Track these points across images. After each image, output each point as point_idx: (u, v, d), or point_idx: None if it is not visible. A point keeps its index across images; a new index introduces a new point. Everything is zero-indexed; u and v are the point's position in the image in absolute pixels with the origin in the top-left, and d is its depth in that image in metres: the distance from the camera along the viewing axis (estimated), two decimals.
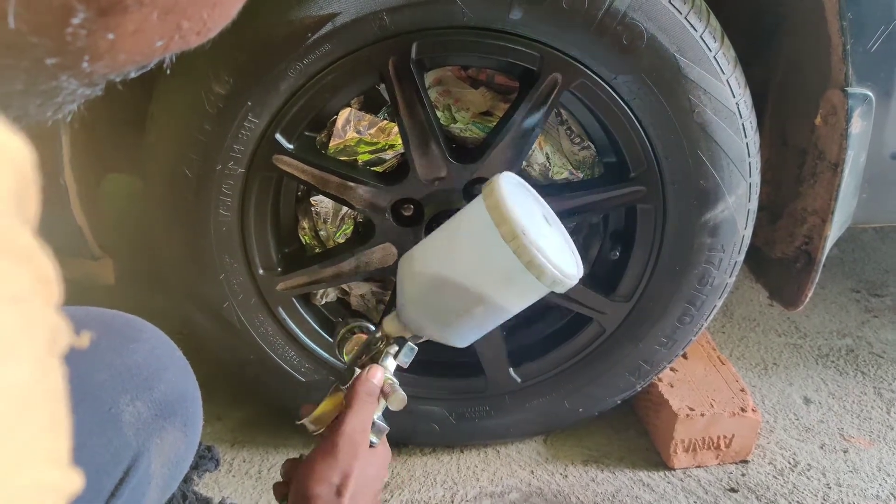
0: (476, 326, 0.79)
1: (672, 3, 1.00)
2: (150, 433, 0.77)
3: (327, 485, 0.72)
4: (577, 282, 0.76)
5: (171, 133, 1.10)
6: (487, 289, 0.75)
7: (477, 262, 0.75)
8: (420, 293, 0.78)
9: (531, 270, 0.71)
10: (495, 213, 0.71)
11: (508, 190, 0.73)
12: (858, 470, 1.35)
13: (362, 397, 0.76)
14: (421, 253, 0.80)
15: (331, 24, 1.00)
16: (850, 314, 1.81)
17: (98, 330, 0.77)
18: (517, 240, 0.70)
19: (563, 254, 0.76)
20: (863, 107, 1.08)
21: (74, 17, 0.31)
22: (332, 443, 0.74)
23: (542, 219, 0.77)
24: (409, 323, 0.80)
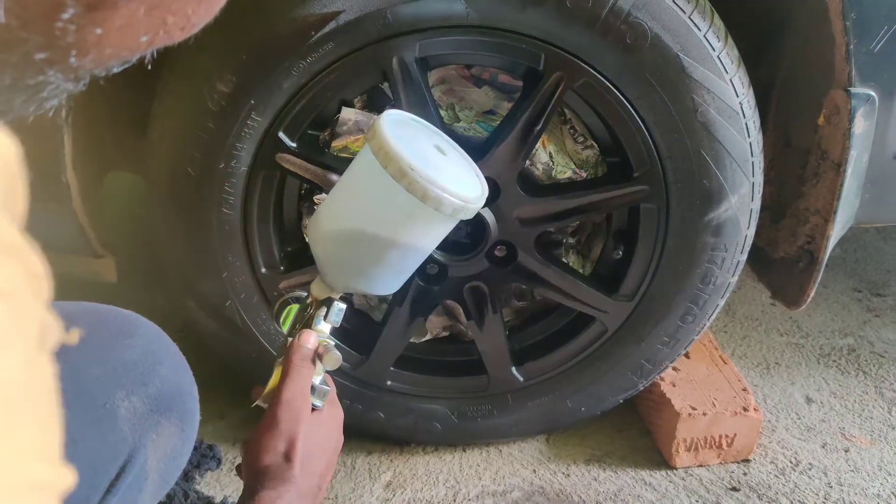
0: (396, 271, 0.80)
1: (676, 3, 1.00)
2: (146, 428, 0.77)
3: (274, 454, 0.72)
4: (481, 205, 0.76)
5: (174, 131, 1.10)
6: (393, 231, 0.75)
7: (375, 207, 0.75)
8: (332, 251, 0.79)
9: (428, 203, 0.71)
10: (381, 154, 0.71)
11: (391, 129, 0.73)
12: (859, 469, 1.35)
13: (296, 363, 0.77)
14: (324, 213, 0.80)
15: (334, 22, 1.00)
16: (851, 314, 1.81)
17: (93, 325, 0.78)
18: (406, 176, 0.70)
19: (462, 180, 0.76)
20: (866, 107, 1.08)
21: (64, 13, 0.32)
22: (272, 413, 0.74)
23: (435, 149, 0.77)
24: (332, 283, 0.81)
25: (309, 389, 0.76)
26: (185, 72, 1.06)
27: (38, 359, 0.31)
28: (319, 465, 0.74)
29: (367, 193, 0.76)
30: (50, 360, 0.32)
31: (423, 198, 0.71)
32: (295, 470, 0.71)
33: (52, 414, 0.32)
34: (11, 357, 0.29)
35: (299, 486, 0.71)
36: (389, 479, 1.29)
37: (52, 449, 0.31)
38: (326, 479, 0.76)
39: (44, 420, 0.31)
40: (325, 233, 0.79)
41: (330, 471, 0.77)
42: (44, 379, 0.32)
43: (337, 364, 0.79)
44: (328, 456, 0.76)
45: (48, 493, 0.30)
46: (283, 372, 0.77)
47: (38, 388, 0.31)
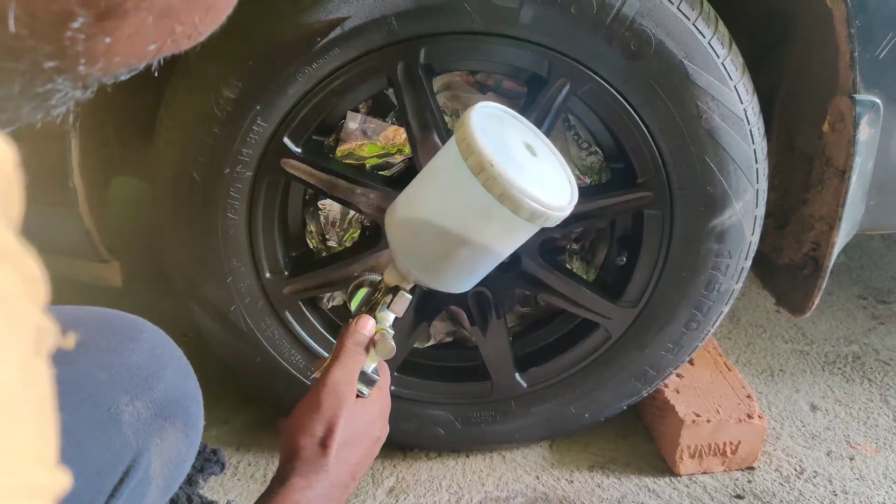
0: (466, 270, 0.76)
1: (680, 10, 1.00)
2: (151, 433, 0.77)
3: (310, 436, 0.71)
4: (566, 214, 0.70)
5: (180, 136, 1.10)
6: (467, 228, 0.71)
7: (451, 200, 0.72)
8: (405, 240, 0.76)
9: (505, 204, 0.66)
10: (463, 145, 0.67)
11: (480, 120, 0.69)
12: (865, 477, 1.35)
13: (349, 348, 0.75)
14: (402, 200, 0.77)
15: (340, 28, 1.00)
16: (856, 321, 1.80)
17: (97, 329, 0.78)
18: (485, 171, 0.66)
19: (549, 184, 0.71)
20: (870, 114, 1.08)
21: (74, 22, 0.32)
22: (315, 394, 0.73)
23: (524, 148, 0.73)
24: (403, 272, 0.78)
25: (356, 375, 0.75)
26: (192, 78, 1.07)
27: (34, 363, 0.31)
28: (355, 455, 0.73)
29: (445, 184, 0.72)
30: (46, 364, 0.32)
31: (500, 197, 0.66)
32: (330, 458, 0.70)
33: (48, 417, 0.32)
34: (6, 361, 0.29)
35: (332, 475, 0.70)
36: (392, 484, 1.29)
37: (47, 452, 0.31)
38: (362, 469, 0.75)
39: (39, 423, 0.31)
40: (400, 219, 0.76)
41: (367, 462, 0.76)
42: (40, 383, 0.32)
43: (390, 354, 0.76)
44: (366, 446, 0.75)
45: (44, 496, 0.30)
46: (334, 354, 0.75)
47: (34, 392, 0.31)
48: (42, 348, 0.32)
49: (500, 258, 0.77)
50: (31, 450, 0.30)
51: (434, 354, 1.33)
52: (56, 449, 0.32)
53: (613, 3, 0.99)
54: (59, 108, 0.36)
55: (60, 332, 0.34)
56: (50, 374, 0.32)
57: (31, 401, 0.31)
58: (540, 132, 0.77)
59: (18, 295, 0.31)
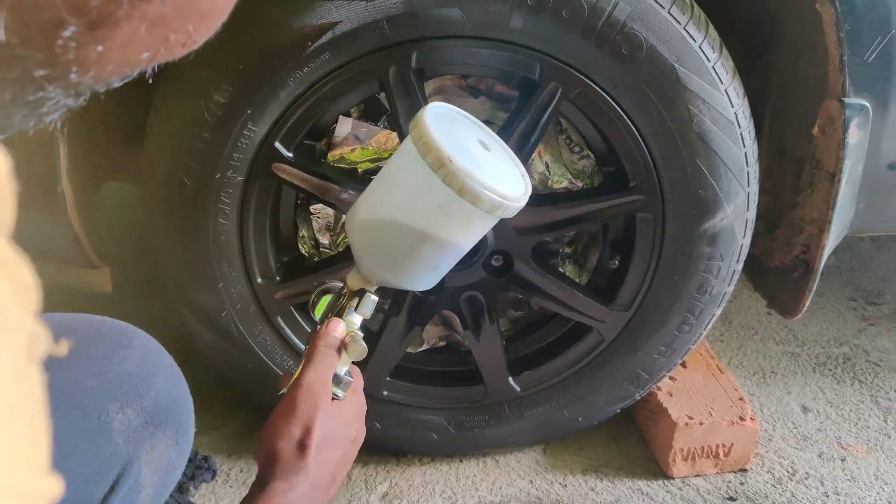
0: (430, 266, 0.78)
1: (671, 14, 1.01)
2: (141, 441, 0.76)
3: (289, 439, 0.71)
4: (523, 204, 0.73)
5: (171, 141, 1.10)
6: (428, 224, 0.73)
7: (412, 197, 0.73)
8: (367, 241, 0.77)
9: (465, 197, 0.69)
10: (420, 144, 0.69)
11: (434, 120, 0.71)
12: (856, 478, 1.35)
13: (321, 350, 0.76)
14: (362, 202, 0.79)
15: (331, 32, 1.00)
16: (847, 323, 1.81)
17: (87, 336, 0.77)
18: (444, 167, 0.68)
19: (504, 176, 0.74)
20: (860, 117, 1.08)
21: (65, 30, 0.32)
22: (290, 398, 0.73)
23: (478, 144, 0.75)
24: (367, 274, 0.79)
25: (330, 377, 0.75)
26: (182, 82, 1.06)
27: (26, 369, 0.31)
28: (334, 456, 0.73)
29: (405, 183, 0.74)
30: (38, 370, 0.32)
31: (460, 191, 0.68)
32: (308, 459, 0.70)
33: (40, 424, 0.32)
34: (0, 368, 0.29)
35: (312, 476, 0.70)
36: (386, 490, 1.28)
37: (39, 458, 0.31)
38: (342, 471, 0.75)
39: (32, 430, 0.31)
40: (361, 221, 0.77)
41: (346, 463, 0.76)
42: (32, 389, 0.32)
43: (362, 355, 0.77)
44: (344, 447, 0.75)
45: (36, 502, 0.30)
46: (307, 358, 0.76)
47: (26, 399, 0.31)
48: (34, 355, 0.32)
49: (463, 251, 0.78)
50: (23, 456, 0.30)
51: (427, 359, 1.33)
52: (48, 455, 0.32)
53: (604, 7, 0.99)
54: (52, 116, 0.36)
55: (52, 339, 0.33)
56: (42, 381, 0.32)
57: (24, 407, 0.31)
58: (489, 129, 0.80)
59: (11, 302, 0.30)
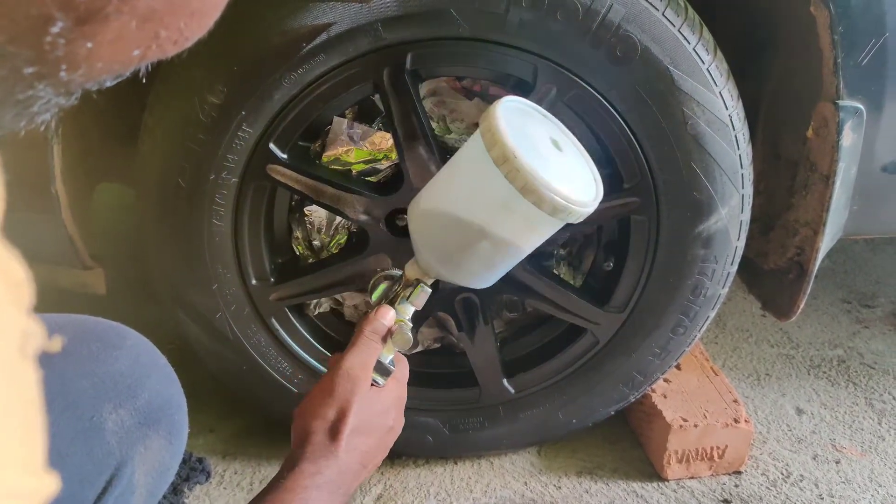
0: (486, 265, 0.76)
1: (665, 16, 1.01)
2: (134, 442, 0.76)
3: (322, 420, 0.72)
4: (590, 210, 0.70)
5: (165, 142, 1.09)
6: (487, 221, 0.70)
7: (473, 191, 0.71)
8: (426, 231, 0.76)
9: (527, 196, 0.66)
10: (488, 136, 0.67)
11: (506, 113, 0.69)
12: (850, 481, 1.35)
13: (366, 335, 0.76)
14: (426, 191, 0.77)
15: (325, 34, 1.00)
16: (841, 325, 1.82)
17: (80, 337, 0.77)
18: (508, 163, 0.65)
19: (573, 179, 0.71)
20: (854, 120, 1.09)
21: (53, 27, 0.31)
22: (329, 379, 0.74)
23: (550, 142, 0.72)
24: (424, 266, 0.78)
25: (372, 363, 0.75)
26: (176, 83, 1.06)
27: (20, 366, 0.31)
28: (367, 443, 0.73)
29: (468, 175, 0.72)
30: (33, 367, 0.32)
31: (522, 190, 0.66)
32: (341, 443, 0.70)
33: (35, 420, 0.31)
34: None
35: (341, 461, 0.70)
36: (380, 492, 1.28)
37: (34, 456, 0.31)
38: (374, 459, 0.75)
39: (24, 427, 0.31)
40: (422, 210, 0.76)
41: (380, 453, 0.76)
42: (26, 386, 0.31)
43: (407, 345, 0.77)
44: (378, 436, 0.75)
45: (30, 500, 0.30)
46: (352, 341, 0.76)
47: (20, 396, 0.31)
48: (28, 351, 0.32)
49: (522, 254, 0.76)
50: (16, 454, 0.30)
51: (421, 361, 1.33)
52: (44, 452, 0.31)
53: (599, 9, 0.99)
54: (43, 116, 0.35)
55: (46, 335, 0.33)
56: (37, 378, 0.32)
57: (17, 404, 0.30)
58: (566, 129, 0.77)
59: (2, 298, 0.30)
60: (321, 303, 1.30)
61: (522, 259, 0.79)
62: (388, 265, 1.16)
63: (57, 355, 0.35)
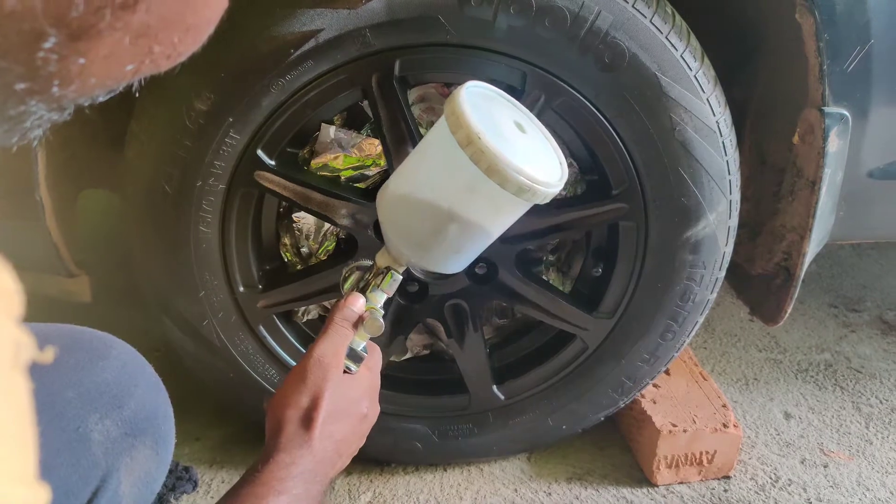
0: (454, 248, 0.76)
1: (653, 23, 1.01)
2: (120, 452, 0.75)
3: (296, 408, 0.71)
4: (554, 191, 0.70)
5: (152, 149, 1.09)
6: (454, 203, 0.71)
7: (439, 174, 0.72)
8: (395, 217, 0.76)
9: (491, 177, 0.66)
10: (452, 119, 0.67)
11: (470, 98, 0.69)
12: (839, 485, 1.36)
13: (336, 322, 0.76)
14: (393, 177, 0.77)
15: (314, 40, 1.00)
16: (828, 329, 1.83)
17: (66, 347, 0.76)
18: (472, 144, 0.66)
19: (538, 161, 0.71)
20: (839, 126, 1.09)
21: (45, 42, 0.31)
22: (300, 367, 0.74)
23: (514, 125, 0.73)
24: (394, 253, 0.78)
25: (343, 350, 0.75)
26: (163, 90, 1.05)
27: (12, 377, 0.31)
28: (341, 430, 0.73)
29: (434, 159, 0.72)
30: (24, 378, 0.32)
31: (487, 170, 0.66)
32: (315, 432, 0.70)
33: (26, 432, 0.31)
34: None
35: (316, 451, 0.70)
36: (369, 499, 1.27)
37: (26, 467, 0.30)
38: (349, 448, 0.75)
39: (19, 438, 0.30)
40: (390, 195, 0.76)
41: (355, 440, 0.76)
42: (18, 397, 0.31)
43: (379, 331, 0.77)
44: (352, 423, 0.74)
45: None
46: (322, 330, 0.76)
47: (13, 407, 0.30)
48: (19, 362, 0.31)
49: (490, 237, 0.76)
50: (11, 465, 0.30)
51: (411, 367, 1.32)
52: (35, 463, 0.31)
53: (587, 17, 0.99)
54: (35, 131, 0.35)
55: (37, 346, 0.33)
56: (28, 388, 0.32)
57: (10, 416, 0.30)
58: (530, 113, 0.77)
59: None
60: (309, 310, 1.29)
61: (491, 242, 0.79)
62: None
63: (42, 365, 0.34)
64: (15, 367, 0.31)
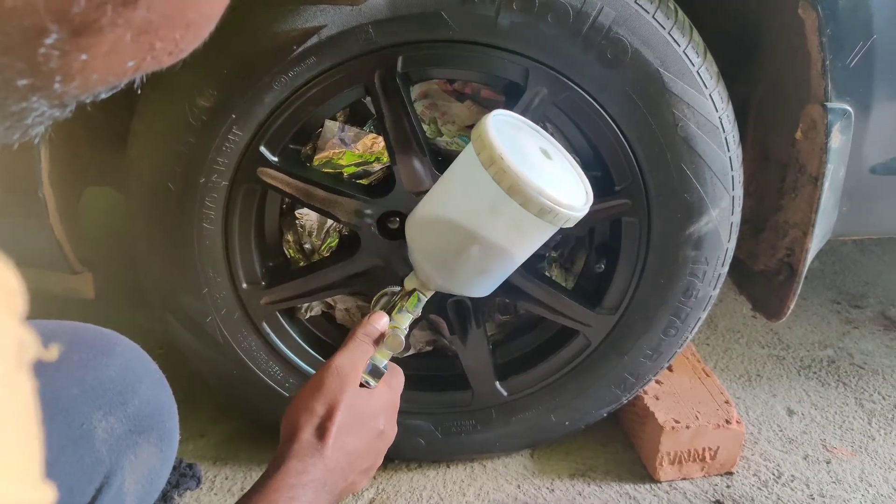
0: (478, 270, 0.77)
1: (656, 18, 1.01)
2: (124, 449, 0.75)
3: (311, 414, 0.72)
4: (580, 215, 0.72)
5: (155, 146, 1.09)
6: (477, 223, 0.72)
7: (463, 195, 0.74)
8: (421, 239, 0.78)
9: (513, 197, 0.68)
10: (477, 141, 0.70)
11: (497, 124, 0.72)
12: (841, 480, 1.36)
13: (358, 337, 0.77)
14: (421, 203, 0.79)
15: (316, 36, 1.00)
16: (831, 325, 1.83)
17: (70, 344, 0.76)
18: (495, 164, 0.68)
19: (562, 184, 0.73)
20: (842, 121, 1.09)
21: (47, 38, 0.31)
22: (318, 376, 0.74)
23: (539, 151, 0.75)
24: (423, 277, 0.80)
25: (362, 364, 0.76)
26: (166, 86, 1.05)
27: (16, 376, 0.31)
28: (354, 443, 0.73)
29: (459, 181, 0.74)
30: (28, 376, 0.32)
31: (508, 190, 0.68)
32: (328, 441, 0.71)
33: (32, 431, 0.31)
34: None
35: (328, 460, 0.70)
36: (373, 496, 1.27)
37: (32, 466, 0.31)
38: (362, 462, 0.75)
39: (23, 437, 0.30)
40: (418, 219, 0.78)
41: (369, 456, 0.76)
42: (22, 396, 0.31)
43: (399, 348, 0.78)
44: (368, 438, 0.75)
45: None
46: (343, 343, 0.77)
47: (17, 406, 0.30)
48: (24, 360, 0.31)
49: (514, 260, 0.77)
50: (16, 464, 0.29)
51: (414, 364, 1.32)
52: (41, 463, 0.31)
53: (590, 12, 0.99)
54: (37, 128, 0.35)
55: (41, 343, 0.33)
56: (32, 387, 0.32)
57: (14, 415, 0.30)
58: (555, 141, 0.79)
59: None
60: (312, 306, 1.29)
61: (517, 266, 0.80)
62: (380, 267, 1.16)
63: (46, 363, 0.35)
64: (19, 366, 0.31)
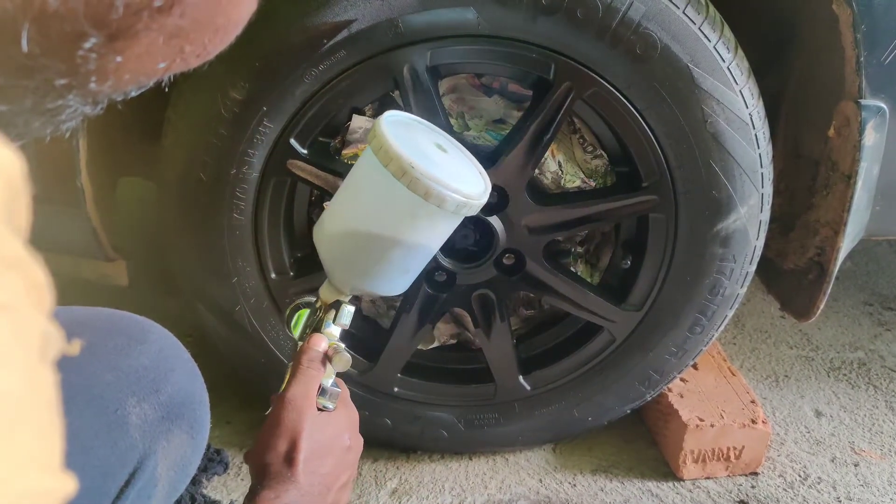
0: (401, 270, 0.80)
1: (686, 14, 1.00)
2: (157, 435, 0.77)
3: (275, 453, 0.73)
4: (485, 201, 0.76)
5: (187, 137, 1.11)
6: (396, 230, 0.75)
7: (378, 206, 0.76)
8: (338, 253, 0.80)
9: (430, 201, 0.72)
10: (381, 153, 0.72)
11: (392, 128, 0.74)
12: (869, 484, 1.34)
13: (303, 365, 0.78)
14: (328, 215, 0.81)
15: (346, 30, 1.01)
16: (862, 327, 1.80)
17: (105, 331, 0.78)
18: (407, 174, 0.70)
19: (464, 176, 0.77)
20: (876, 119, 1.07)
21: (86, 42, 0.33)
22: (275, 414, 0.75)
23: (435, 147, 0.78)
24: (340, 285, 0.81)
25: (314, 390, 0.77)
26: (199, 78, 1.07)
27: (39, 370, 0.32)
28: (326, 465, 0.74)
29: (369, 193, 0.77)
30: (51, 370, 0.33)
31: (425, 195, 0.71)
32: (297, 468, 0.71)
33: (53, 423, 0.32)
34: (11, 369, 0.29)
35: (301, 485, 0.71)
36: (395, 486, 1.29)
37: (51, 457, 0.31)
38: (337, 479, 0.76)
39: (44, 430, 0.31)
40: (330, 234, 0.80)
41: (342, 472, 0.77)
42: (44, 390, 0.32)
43: (346, 366, 0.79)
44: (336, 456, 0.76)
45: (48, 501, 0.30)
46: (290, 374, 0.78)
47: (38, 399, 0.31)
48: (47, 354, 0.33)
49: (432, 251, 0.81)
50: (36, 456, 0.30)
51: (438, 356, 1.33)
52: (61, 454, 0.32)
53: (619, 7, 0.99)
54: (69, 123, 0.37)
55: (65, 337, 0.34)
56: (55, 380, 0.33)
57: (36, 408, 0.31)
58: (445, 133, 0.83)
59: (24, 303, 0.31)
60: None
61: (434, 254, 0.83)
62: None
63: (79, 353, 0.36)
64: (43, 360, 0.32)
